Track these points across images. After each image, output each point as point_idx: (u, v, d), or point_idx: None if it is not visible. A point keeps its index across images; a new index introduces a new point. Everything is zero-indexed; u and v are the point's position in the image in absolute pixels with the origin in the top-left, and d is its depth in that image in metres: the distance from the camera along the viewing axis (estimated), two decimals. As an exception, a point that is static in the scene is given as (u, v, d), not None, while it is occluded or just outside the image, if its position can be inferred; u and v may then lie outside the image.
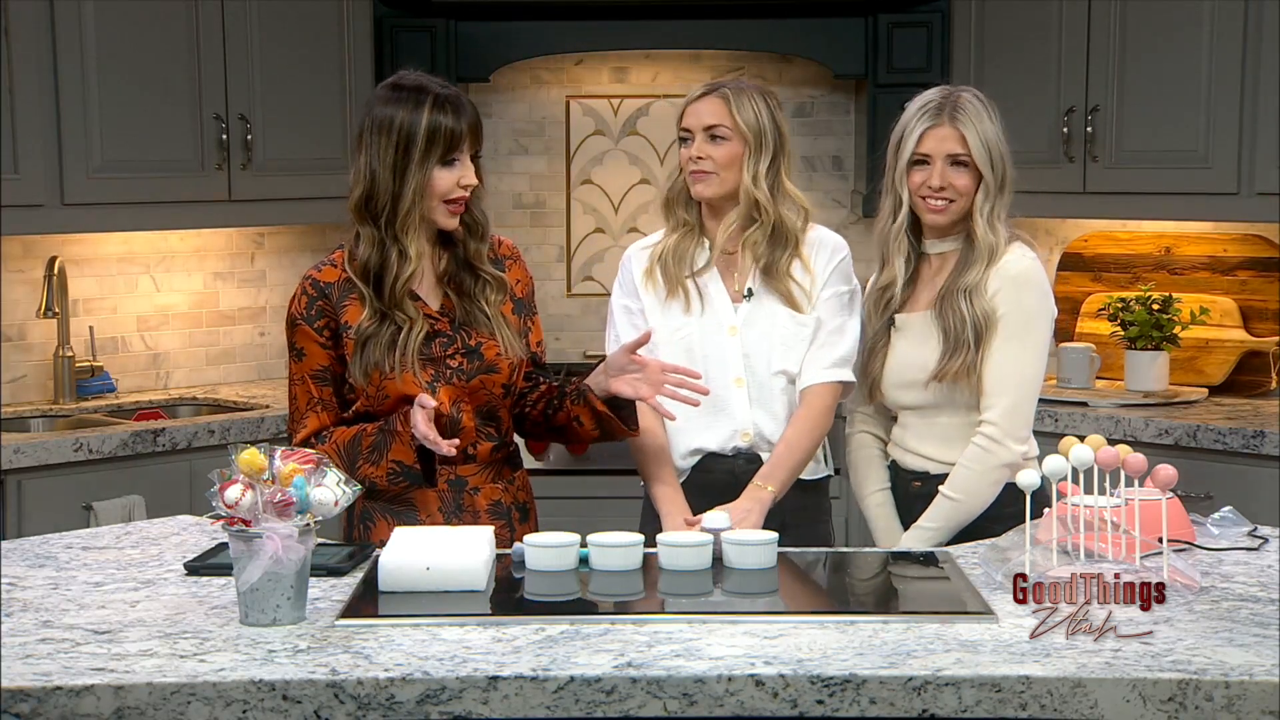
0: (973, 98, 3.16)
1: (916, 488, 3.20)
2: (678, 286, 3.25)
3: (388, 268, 2.96)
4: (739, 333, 3.23)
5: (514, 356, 3.05)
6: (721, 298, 3.24)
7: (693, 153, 3.21)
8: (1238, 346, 4.76)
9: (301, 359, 3.01)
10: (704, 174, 3.20)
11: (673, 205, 3.29)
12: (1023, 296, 3.12)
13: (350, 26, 4.94)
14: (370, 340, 2.96)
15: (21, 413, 4.60)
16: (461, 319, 3.03)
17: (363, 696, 2.15)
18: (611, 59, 5.47)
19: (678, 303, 3.25)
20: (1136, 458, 2.58)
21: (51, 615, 2.46)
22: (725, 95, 3.21)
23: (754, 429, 3.23)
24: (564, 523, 2.91)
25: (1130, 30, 4.66)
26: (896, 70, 5.11)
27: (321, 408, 3.01)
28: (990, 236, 3.12)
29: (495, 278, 3.06)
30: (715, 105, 3.21)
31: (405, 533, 2.71)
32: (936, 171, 3.12)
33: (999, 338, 3.10)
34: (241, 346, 5.21)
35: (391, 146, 2.93)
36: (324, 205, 4.82)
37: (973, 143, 3.11)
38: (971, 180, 3.12)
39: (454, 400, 3.00)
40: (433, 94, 2.95)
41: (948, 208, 3.14)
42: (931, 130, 3.13)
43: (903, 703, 2.16)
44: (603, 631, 2.36)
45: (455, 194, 2.96)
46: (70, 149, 4.43)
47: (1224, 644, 2.29)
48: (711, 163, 3.19)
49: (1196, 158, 4.58)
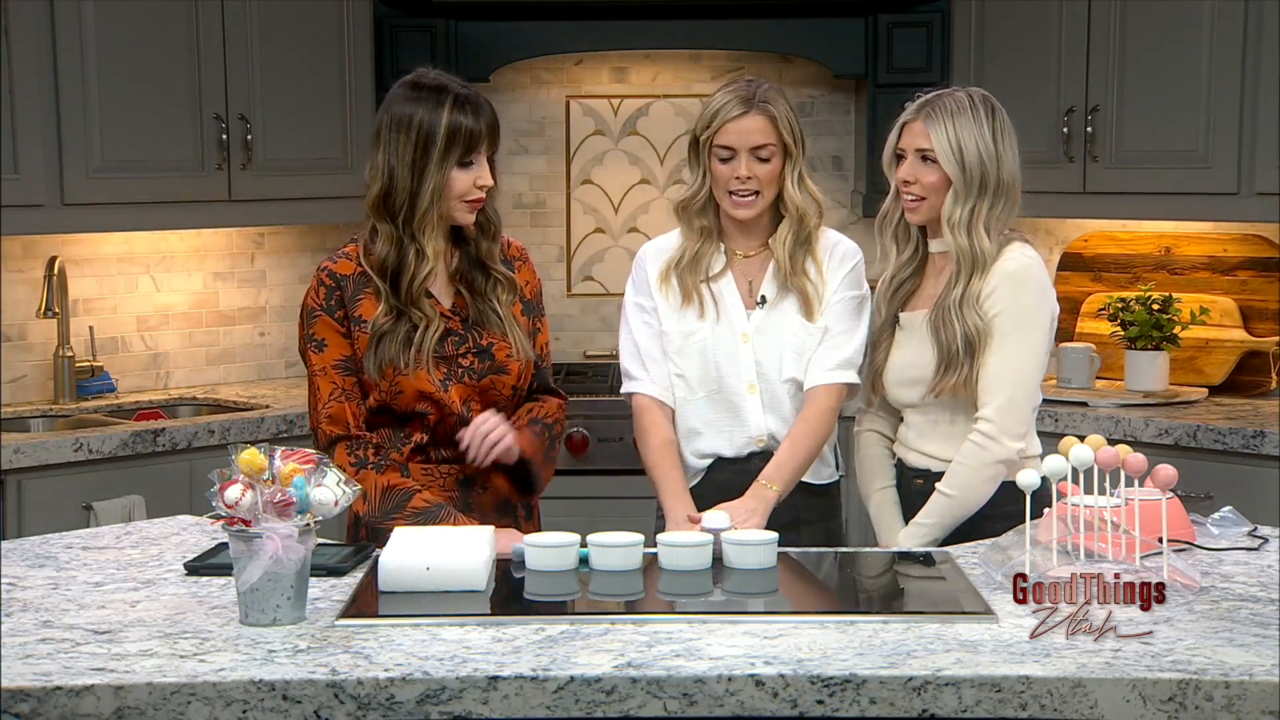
0: (961, 98, 3.12)
1: (918, 485, 3.21)
2: (693, 292, 3.23)
3: (405, 265, 2.96)
4: (751, 340, 3.22)
5: (523, 358, 3.05)
6: (736, 304, 3.24)
7: (741, 173, 3.15)
8: (1238, 346, 4.76)
9: (323, 350, 3.01)
10: (749, 196, 3.17)
11: (690, 212, 3.25)
12: (1019, 294, 3.11)
13: (350, 26, 4.94)
14: (386, 336, 2.96)
15: (21, 413, 4.60)
16: (474, 318, 3.04)
17: (363, 696, 2.15)
18: (611, 59, 5.47)
19: (693, 309, 3.23)
20: (1136, 458, 2.58)
21: (51, 615, 2.46)
22: (769, 113, 3.15)
23: (768, 434, 3.23)
24: (564, 523, 2.91)
25: (1130, 30, 4.66)
26: (896, 70, 5.11)
27: (345, 397, 3.00)
28: (965, 242, 3.09)
29: (506, 277, 3.06)
30: (762, 124, 3.15)
31: (405, 533, 2.71)
32: (907, 165, 3.14)
33: (995, 336, 3.09)
34: (241, 346, 5.21)
35: (411, 145, 2.93)
36: (324, 205, 4.83)
37: (937, 142, 3.09)
38: (939, 179, 3.11)
39: (465, 399, 3.00)
40: (453, 94, 2.95)
41: (918, 205, 3.14)
42: (907, 125, 3.15)
43: (903, 703, 2.16)
44: (603, 631, 2.36)
45: (473, 195, 2.97)
46: (70, 149, 4.43)
47: (1224, 644, 2.29)
48: (757, 182, 3.16)
49: (1196, 158, 4.58)
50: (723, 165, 3.17)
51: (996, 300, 3.09)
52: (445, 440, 3.02)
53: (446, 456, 3.03)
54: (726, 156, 3.17)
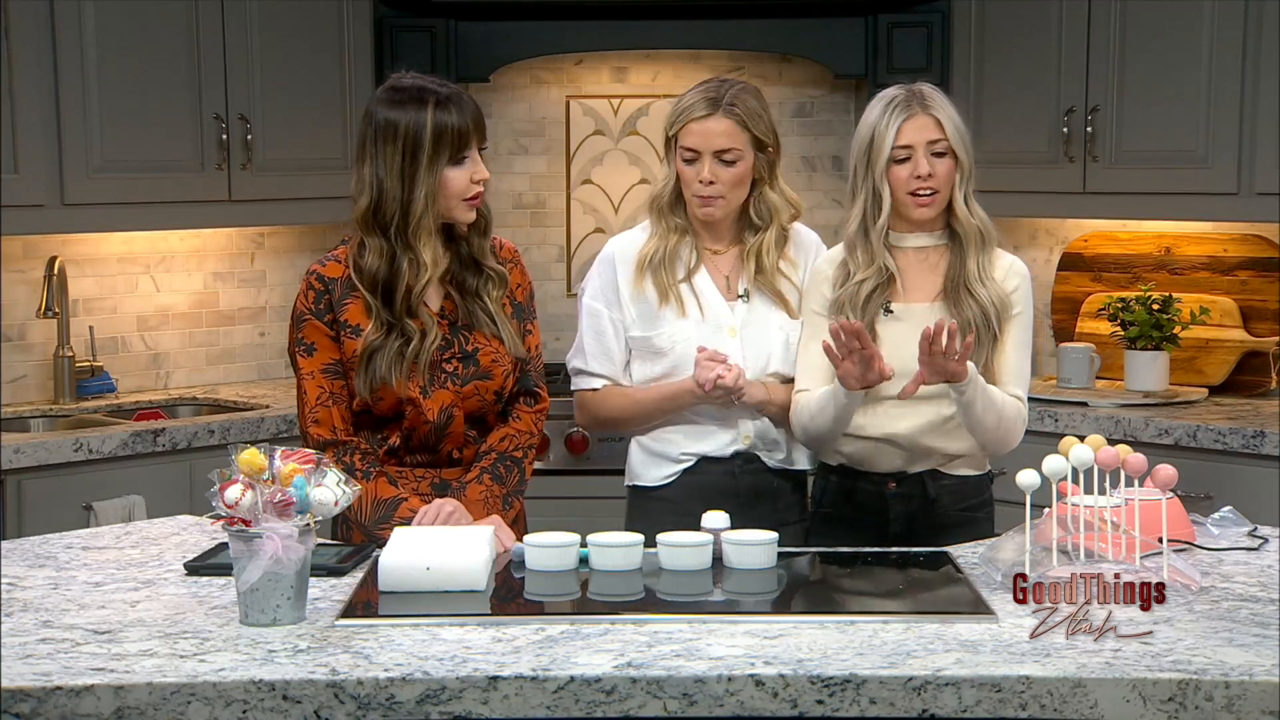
0: (933, 89, 3.18)
1: (892, 489, 3.20)
2: (669, 291, 3.19)
3: (398, 277, 2.93)
4: (739, 333, 3.21)
5: (508, 362, 3.03)
6: (717, 300, 3.22)
7: (704, 177, 3.12)
8: (1238, 346, 4.76)
9: (312, 354, 3.00)
10: (715, 199, 3.14)
11: (663, 210, 3.21)
12: (1031, 298, 3.21)
13: (350, 26, 4.94)
14: (378, 353, 2.94)
15: (21, 413, 4.60)
16: (462, 320, 3.02)
17: (363, 696, 2.15)
18: (611, 59, 5.47)
19: (670, 308, 3.20)
20: (1136, 458, 2.58)
21: (51, 615, 2.46)
22: (736, 115, 3.11)
23: (754, 431, 3.23)
24: (564, 523, 2.91)
25: (1130, 30, 4.66)
26: (896, 70, 5.10)
27: (332, 401, 2.99)
28: (972, 219, 3.16)
29: (497, 272, 3.04)
30: (726, 126, 3.11)
31: (405, 533, 2.71)
32: (920, 162, 3.12)
33: (1016, 329, 3.15)
34: (241, 346, 5.21)
35: (398, 153, 2.90)
36: (324, 205, 4.83)
37: (948, 128, 3.13)
38: (951, 166, 3.14)
39: (447, 405, 2.99)
40: (433, 95, 2.92)
41: (934, 199, 3.14)
42: (908, 121, 3.13)
43: (903, 703, 2.16)
44: (603, 631, 2.36)
45: (471, 191, 2.95)
46: (70, 149, 4.43)
47: (1224, 644, 2.29)
48: (721, 186, 3.12)
49: (1196, 158, 4.58)
50: (687, 166, 3.14)
51: (1019, 297, 3.17)
52: (419, 445, 3.02)
53: (421, 461, 3.03)
54: (690, 158, 3.13)
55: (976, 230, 3.16)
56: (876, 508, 3.21)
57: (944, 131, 3.12)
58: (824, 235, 3.42)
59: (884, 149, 3.12)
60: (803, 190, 5.44)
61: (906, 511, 3.19)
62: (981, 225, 3.17)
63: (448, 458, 3.03)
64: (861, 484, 3.23)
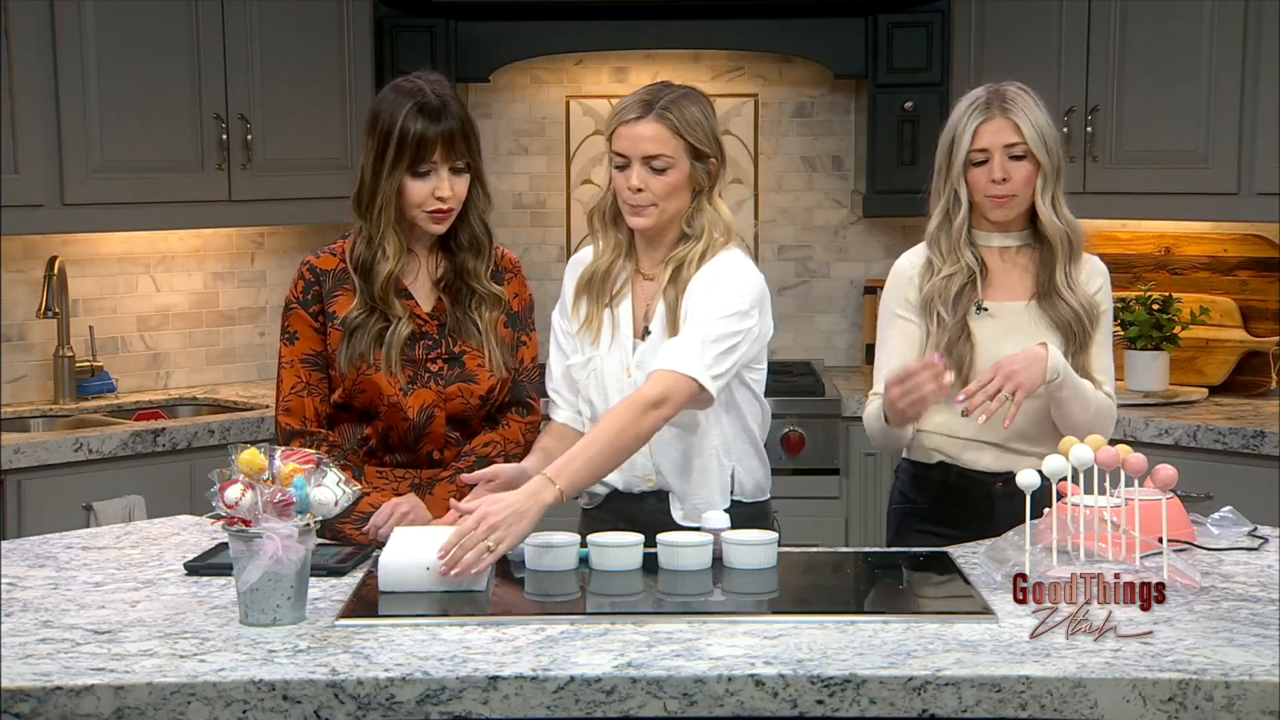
0: (1019, 89, 3.16)
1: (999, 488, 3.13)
2: (594, 316, 3.04)
3: (375, 262, 2.97)
4: (633, 375, 3.00)
5: (498, 373, 3.02)
6: (627, 334, 3.03)
7: (632, 184, 2.91)
8: (1238, 346, 4.76)
9: (294, 343, 3.02)
10: (643, 207, 2.94)
11: (605, 221, 3.03)
12: (1111, 294, 3.23)
13: (350, 26, 4.94)
14: (358, 330, 2.97)
15: (21, 413, 4.60)
16: (451, 326, 3.02)
17: (363, 696, 2.15)
18: (611, 59, 5.47)
19: (589, 334, 3.05)
20: (1136, 458, 2.58)
21: (51, 615, 2.46)
22: (668, 120, 2.90)
23: (655, 473, 3.04)
24: (564, 523, 2.90)
25: (1130, 30, 4.66)
26: (896, 70, 5.10)
27: (308, 392, 3.01)
28: (1059, 223, 3.14)
29: (491, 295, 3.02)
30: (656, 131, 2.90)
31: (405, 532, 2.71)
32: (996, 165, 3.11)
33: (1102, 328, 3.18)
34: (241, 346, 5.21)
35: (375, 146, 2.94)
36: (324, 205, 4.82)
37: (1027, 131, 3.11)
38: (1031, 170, 3.12)
39: (428, 405, 2.99)
40: (417, 99, 2.90)
41: (1011, 202, 3.13)
42: (985, 124, 3.12)
43: (903, 703, 2.16)
44: (603, 631, 2.36)
45: (431, 205, 2.93)
46: (70, 149, 4.43)
47: (1224, 644, 2.29)
48: (651, 194, 2.92)
49: (1196, 158, 4.58)
50: (618, 173, 2.95)
51: (1103, 297, 3.19)
52: (399, 444, 3.01)
53: (401, 461, 3.03)
54: (620, 164, 2.94)
55: (1062, 234, 3.14)
56: (982, 509, 3.14)
57: (1022, 135, 3.10)
58: (824, 235, 3.41)
59: (962, 150, 3.12)
60: (803, 190, 5.47)
61: (1010, 510, 3.01)
62: (1069, 229, 3.14)
63: (428, 458, 3.03)
64: (963, 481, 3.18)
